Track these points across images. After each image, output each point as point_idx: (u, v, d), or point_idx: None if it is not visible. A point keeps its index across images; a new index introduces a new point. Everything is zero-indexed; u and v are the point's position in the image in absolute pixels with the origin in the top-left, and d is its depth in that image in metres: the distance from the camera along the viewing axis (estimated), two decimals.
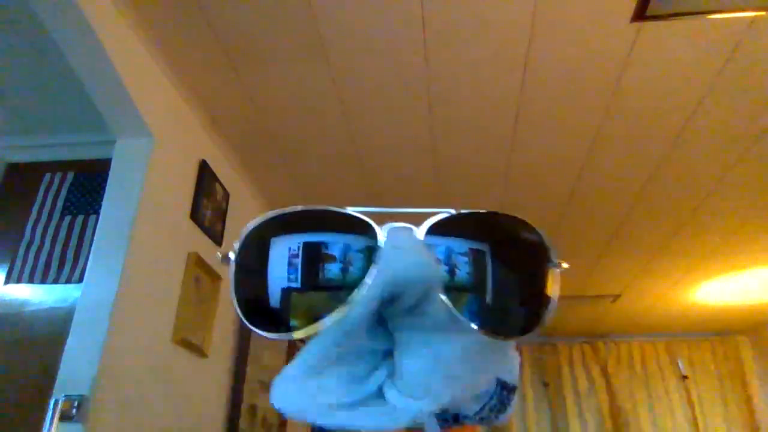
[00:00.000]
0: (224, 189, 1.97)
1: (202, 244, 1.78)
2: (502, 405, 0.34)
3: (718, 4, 1.41)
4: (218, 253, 0.31)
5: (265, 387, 2.22)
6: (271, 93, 1.76)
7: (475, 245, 0.30)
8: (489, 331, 0.28)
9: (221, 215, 1.94)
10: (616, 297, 3.53)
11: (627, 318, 3.96)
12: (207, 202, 1.84)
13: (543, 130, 1.93)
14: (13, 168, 1.87)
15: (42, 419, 1.22)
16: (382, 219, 0.30)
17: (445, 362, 0.29)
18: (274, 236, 0.30)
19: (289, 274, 0.29)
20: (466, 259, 0.30)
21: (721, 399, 4.07)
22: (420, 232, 0.29)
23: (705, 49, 1.56)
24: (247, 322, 0.30)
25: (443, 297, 0.28)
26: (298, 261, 0.29)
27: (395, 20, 1.48)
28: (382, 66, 1.64)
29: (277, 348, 2.39)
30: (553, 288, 0.30)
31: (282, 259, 0.30)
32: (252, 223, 0.31)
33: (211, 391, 1.83)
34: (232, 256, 0.31)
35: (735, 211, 2.43)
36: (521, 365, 0.36)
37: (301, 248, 0.30)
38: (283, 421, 2.36)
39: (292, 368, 0.30)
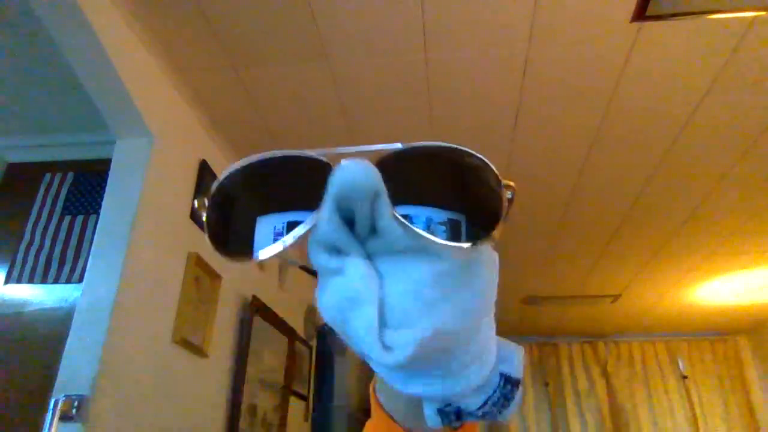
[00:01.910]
0: None
1: (202, 244, 1.78)
2: (505, 399, 0.34)
3: (718, 4, 1.41)
4: (195, 202, 0.34)
5: (265, 387, 2.22)
6: (271, 93, 1.76)
7: (427, 165, 0.32)
8: (446, 238, 0.29)
9: None
10: (616, 297, 3.53)
11: (627, 318, 3.96)
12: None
13: (543, 130, 1.93)
14: (13, 168, 1.87)
15: (42, 419, 1.22)
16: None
17: (416, 284, 0.29)
18: (246, 181, 0.34)
19: (260, 205, 0.33)
20: (418, 175, 0.32)
21: (721, 399, 4.07)
22: (372, 162, 0.31)
23: (705, 49, 1.56)
24: (217, 249, 0.32)
25: (391, 209, 0.29)
26: (267, 193, 0.34)
27: (395, 20, 1.48)
28: (382, 66, 1.64)
29: (277, 348, 2.39)
30: (500, 202, 0.30)
31: (268, 237, 0.32)
32: (224, 172, 0.34)
33: (211, 391, 1.83)
34: (206, 201, 0.34)
35: (735, 211, 2.43)
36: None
37: (285, 228, 0.32)
38: (283, 421, 2.36)
39: (317, 290, 0.32)
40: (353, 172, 0.29)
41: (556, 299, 3.62)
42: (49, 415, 1.21)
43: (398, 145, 0.32)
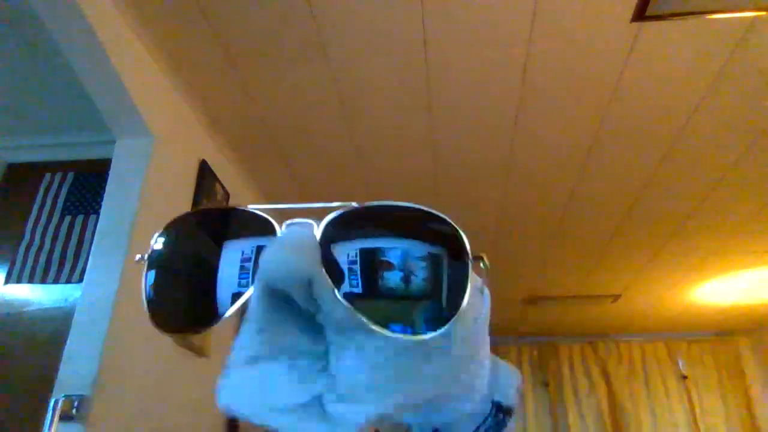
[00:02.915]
0: (224, 189, 1.97)
1: None
2: (498, 427, 0.33)
3: (718, 4, 1.41)
4: (137, 256, 0.31)
5: None
6: (271, 92, 1.76)
7: (375, 242, 0.28)
8: (388, 326, 0.26)
9: None
10: (616, 297, 3.53)
11: (627, 318, 3.96)
12: (207, 202, 1.84)
13: (543, 129, 1.93)
14: (13, 168, 1.87)
15: (42, 419, 1.22)
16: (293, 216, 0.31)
17: (367, 362, 0.26)
18: (180, 239, 0.32)
19: (240, 278, 0.29)
20: (364, 259, 0.27)
21: (721, 399, 4.07)
22: (319, 228, 0.27)
23: (705, 49, 1.56)
24: (153, 322, 0.30)
25: (328, 288, 0.26)
26: (251, 265, 0.30)
27: (395, 20, 1.48)
28: (382, 65, 1.64)
29: None
30: (467, 283, 0.27)
31: (233, 264, 0.30)
32: (165, 226, 0.32)
33: (211, 391, 1.82)
34: (145, 257, 0.32)
35: (735, 211, 2.43)
36: (520, 367, 0.35)
37: (253, 252, 0.30)
38: None
39: (230, 359, 0.28)
40: (275, 260, 0.25)
41: (556, 299, 3.62)
42: (49, 415, 1.21)
43: (352, 204, 0.28)
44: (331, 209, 0.28)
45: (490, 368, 0.33)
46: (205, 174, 1.82)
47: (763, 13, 1.42)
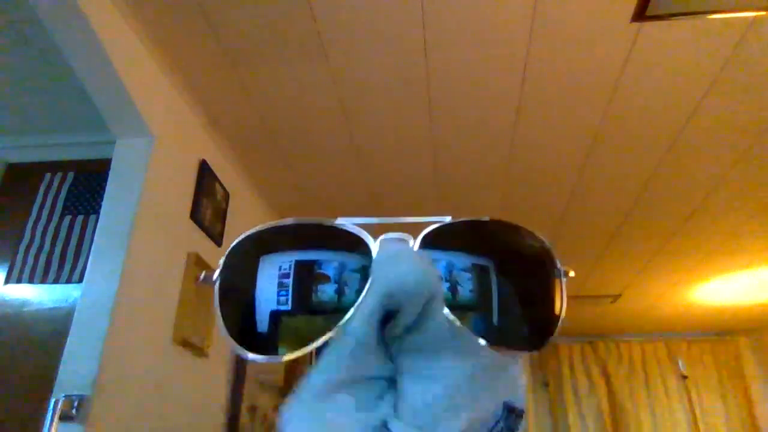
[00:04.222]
0: (224, 189, 1.97)
1: (202, 244, 1.78)
2: (509, 430, 0.33)
3: (718, 4, 1.41)
4: (202, 273, 0.29)
5: (265, 387, 2.22)
6: (271, 93, 1.76)
7: (478, 260, 0.28)
8: (497, 345, 0.26)
9: (221, 215, 1.94)
10: (616, 297, 3.53)
11: (627, 318, 3.96)
12: (207, 202, 1.84)
13: (543, 130, 1.93)
14: (13, 168, 1.87)
15: (42, 419, 1.22)
16: (376, 229, 0.29)
17: (448, 386, 0.26)
18: (263, 253, 0.29)
19: (279, 296, 0.27)
20: (468, 275, 0.28)
21: (721, 399, 4.07)
22: (416, 242, 0.27)
23: (705, 49, 1.56)
24: (235, 344, 0.27)
25: (445, 309, 0.26)
26: (289, 281, 0.27)
27: (395, 20, 1.48)
28: (382, 66, 1.64)
29: None
30: (560, 298, 0.28)
31: (272, 279, 0.28)
32: (238, 239, 0.29)
33: (211, 391, 1.83)
34: (216, 275, 0.29)
35: (735, 211, 2.43)
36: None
37: (292, 267, 0.28)
38: None
39: (301, 392, 0.27)
40: (410, 273, 0.25)
41: None
42: (49, 415, 1.21)
43: (447, 219, 0.28)
44: (423, 224, 0.28)
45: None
46: (205, 174, 1.82)
47: (763, 13, 1.42)
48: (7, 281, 1.62)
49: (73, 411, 1.21)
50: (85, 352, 1.29)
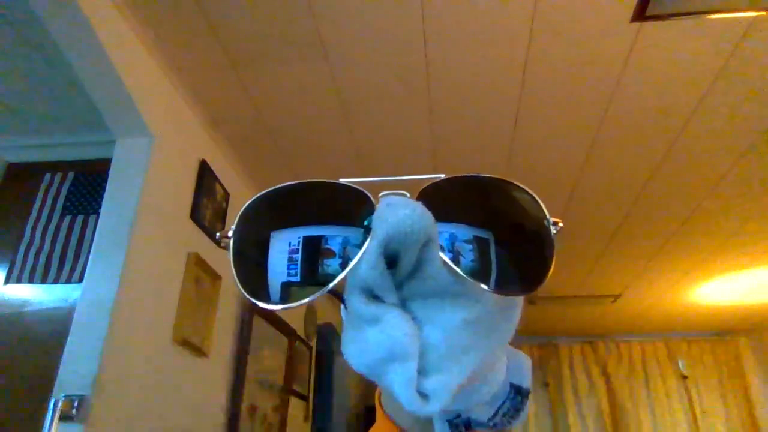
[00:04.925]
0: (224, 189, 1.97)
1: (202, 244, 1.78)
2: (515, 410, 0.34)
3: (718, 4, 1.41)
4: (218, 233, 0.31)
5: (265, 387, 2.22)
6: (271, 93, 1.76)
7: (474, 214, 0.30)
8: (495, 288, 0.28)
9: (221, 215, 1.94)
10: (616, 297, 3.53)
11: (627, 318, 3.96)
12: (207, 202, 1.84)
13: (543, 130, 1.93)
14: (13, 168, 1.87)
15: (42, 419, 1.22)
16: (375, 191, 0.31)
17: (448, 330, 0.28)
18: (274, 217, 0.31)
19: (289, 269, 0.29)
20: (466, 229, 0.30)
21: (721, 399, 4.07)
22: (415, 196, 0.29)
23: (705, 49, 1.56)
24: (251, 298, 0.29)
25: (441, 254, 0.28)
26: (298, 257, 0.29)
27: (395, 20, 1.48)
28: (382, 66, 1.64)
29: (277, 348, 2.39)
30: (551, 245, 0.29)
31: (282, 254, 0.29)
32: (250, 201, 0.31)
33: (211, 391, 1.83)
34: (230, 235, 0.31)
35: (735, 211, 2.43)
36: None
37: (300, 243, 0.29)
38: (283, 421, 2.36)
39: (344, 333, 0.30)
40: (407, 217, 0.27)
41: (556, 299, 3.62)
42: (49, 415, 1.21)
43: (441, 176, 0.30)
44: (421, 182, 0.30)
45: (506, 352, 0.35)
46: (205, 174, 1.82)
47: (763, 13, 1.42)
48: (7, 281, 1.62)
49: (73, 411, 1.21)
50: (85, 352, 1.29)
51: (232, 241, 0.30)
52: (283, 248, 0.29)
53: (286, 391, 2.43)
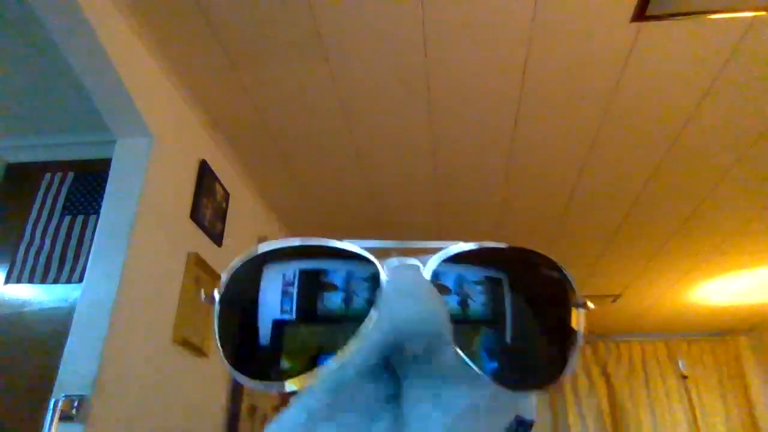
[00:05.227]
0: (224, 189, 1.97)
1: (202, 244, 1.78)
2: None
3: (718, 4, 1.41)
4: (202, 292, 0.27)
5: None
6: (271, 93, 1.76)
7: (491, 273, 0.27)
8: (506, 383, 0.25)
9: (221, 215, 1.94)
10: (616, 297, 3.53)
11: (627, 318, 3.96)
12: (207, 202, 1.84)
13: (543, 130, 1.93)
14: (13, 168, 1.87)
15: (42, 419, 1.22)
16: (385, 252, 0.28)
17: (453, 415, 0.25)
18: (266, 268, 0.27)
19: (283, 304, 0.26)
20: (480, 288, 0.27)
21: (721, 399, 4.07)
22: (427, 270, 0.26)
23: (705, 49, 1.56)
24: (233, 369, 0.26)
25: (456, 348, 0.25)
26: (294, 290, 0.26)
27: (395, 20, 1.48)
28: (382, 66, 1.64)
29: None
30: (578, 332, 0.26)
31: (275, 289, 0.27)
32: (238, 260, 0.27)
33: (211, 391, 1.83)
34: (216, 295, 0.27)
35: (735, 211, 2.43)
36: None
37: (296, 275, 0.27)
38: None
39: (288, 418, 0.26)
40: (420, 313, 0.24)
41: None
42: (49, 415, 1.21)
43: (459, 245, 0.26)
44: (432, 250, 0.27)
45: None
46: (205, 174, 1.82)
47: (763, 13, 1.42)
48: (7, 281, 1.62)
49: (73, 411, 1.21)
50: (85, 352, 1.29)
51: (217, 303, 0.27)
52: (276, 284, 0.27)
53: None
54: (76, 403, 1.22)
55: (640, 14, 1.43)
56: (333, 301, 0.26)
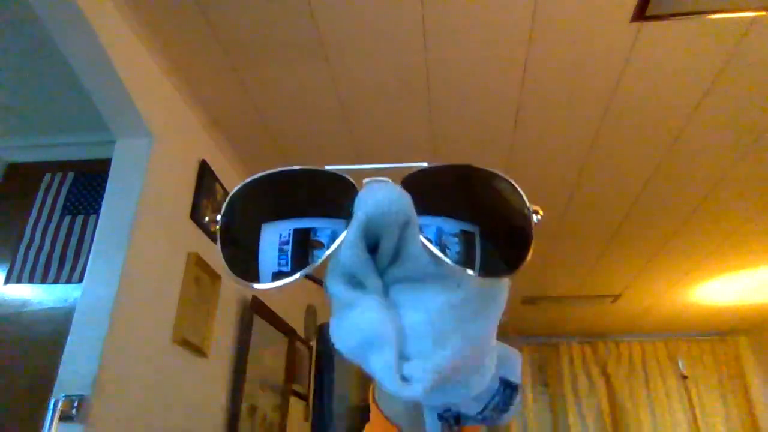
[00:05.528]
0: (224, 189, 1.97)
1: (202, 244, 1.78)
2: (505, 404, 0.34)
3: (718, 4, 1.41)
4: (206, 218, 0.32)
5: (265, 387, 2.22)
6: (271, 93, 1.76)
7: (455, 201, 0.31)
8: (474, 270, 0.28)
9: None
10: (616, 297, 3.53)
11: (627, 318, 3.96)
12: (207, 202, 1.84)
13: (543, 130, 1.93)
14: (13, 168, 1.87)
15: (42, 419, 1.22)
16: (362, 179, 0.31)
17: (431, 313, 0.28)
18: (261, 207, 0.32)
19: (279, 260, 0.30)
20: (444, 193, 0.31)
21: (721, 399, 4.07)
22: (396, 182, 0.30)
23: (705, 49, 1.56)
24: (239, 278, 0.30)
25: (422, 238, 0.28)
26: (288, 248, 0.30)
27: (395, 20, 1.48)
28: (382, 66, 1.64)
29: (277, 348, 2.39)
30: (530, 229, 0.30)
31: (273, 245, 0.30)
32: (237, 187, 0.32)
33: (211, 391, 1.83)
34: (218, 219, 0.32)
35: (734, 211, 2.43)
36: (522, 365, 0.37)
37: (291, 235, 0.30)
38: (283, 421, 2.36)
39: (332, 318, 0.31)
40: (386, 198, 0.28)
41: (556, 299, 3.62)
42: (49, 415, 1.21)
43: (424, 164, 0.31)
44: (403, 170, 0.31)
45: (497, 347, 0.35)
46: (205, 174, 1.82)
47: (763, 13, 1.42)
48: (7, 281, 1.62)
49: (73, 411, 1.21)
50: (85, 352, 1.29)
51: (220, 226, 0.31)
52: (273, 240, 0.30)
53: (286, 391, 2.43)
54: (75, 403, 1.22)
55: (640, 14, 1.43)
56: (317, 210, 0.31)
